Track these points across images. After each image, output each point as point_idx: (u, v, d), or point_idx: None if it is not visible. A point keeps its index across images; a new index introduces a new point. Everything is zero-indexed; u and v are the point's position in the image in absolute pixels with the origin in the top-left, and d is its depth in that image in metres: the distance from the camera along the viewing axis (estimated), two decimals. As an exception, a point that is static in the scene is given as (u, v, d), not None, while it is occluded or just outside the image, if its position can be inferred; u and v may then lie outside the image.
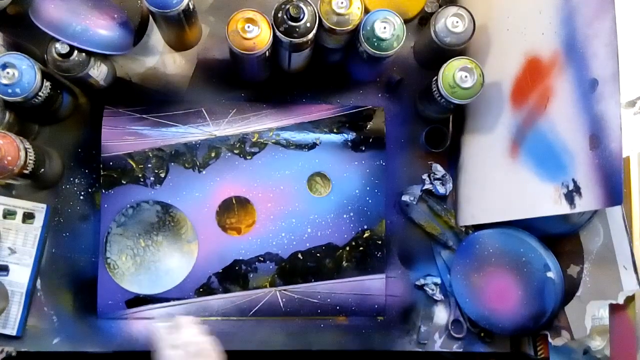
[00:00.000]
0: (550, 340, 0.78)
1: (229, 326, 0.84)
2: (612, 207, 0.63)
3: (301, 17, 0.71)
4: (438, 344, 0.86)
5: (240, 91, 0.88)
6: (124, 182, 0.82)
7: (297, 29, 0.72)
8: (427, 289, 0.86)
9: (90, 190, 0.84)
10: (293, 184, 0.84)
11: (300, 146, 0.85)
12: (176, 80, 0.86)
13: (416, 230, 0.88)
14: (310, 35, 0.73)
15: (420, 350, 0.86)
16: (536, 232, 0.78)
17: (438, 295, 0.86)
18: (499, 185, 0.78)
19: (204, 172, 0.83)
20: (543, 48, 0.68)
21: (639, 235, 0.68)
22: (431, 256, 0.88)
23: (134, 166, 0.82)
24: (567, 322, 0.75)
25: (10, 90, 0.70)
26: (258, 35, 0.72)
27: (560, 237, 0.77)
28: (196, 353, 0.64)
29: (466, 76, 0.74)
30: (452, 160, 0.89)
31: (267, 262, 0.83)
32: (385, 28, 0.73)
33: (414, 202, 0.87)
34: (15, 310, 0.79)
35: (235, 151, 0.84)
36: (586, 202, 0.60)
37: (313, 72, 0.87)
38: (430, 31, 0.79)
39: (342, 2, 0.72)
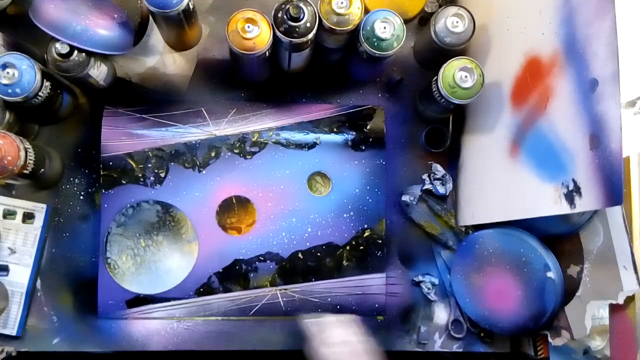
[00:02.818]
0: (550, 340, 0.78)
1: (229, 326, 0.84)
2: (612, 207, 0.63)
3: (301, 17, 0.71)
4: (438, 344, 0.86)
5: (240, 91, 0.88)
6: (124, 182, 0.82)
7: (297, 29, 0.72)
8: (424, 286, 0.86)
9: (90, 190, 0.84)
10: (293, 183, 0.84)
11: (300, 146, 0.85)
12: (176, 80, 0.86)
13: (416, 230, 0.88)
14: (310, 35, 0.73)
15: (420, 350, 0.86)
16: (536, 232, 0.78)
17: (433, 296, 0.86)
18: (499, 185, 0.77)
19: (204, 172, 0.83)
20: (543, 48, 0.67)
21: (639, 235, 0.68)
22: (431, 256, 0.88)
23: (134, 166, 0.82)
24: (567, 322, 0.75)
25: (10, 90, 0.70)
26: (258, 35, 0.72)
27: (560, 237, 0.77)
28: (351, 352, 0.65)
29: (466, 76, 0.74)
30: (452, 160, 0.89)
31: (268, 261, 0.83)
32: (385, 28, 0.73)
33: (414, 202, 0.87)
34: (15, 310, 0.79)
35: (235, 151, 0.84)
36: (586, 202, 0.59)
37: (313, 72, 0.87)
38: (430, 31, 0.79)
39: (342, 2, 0.72)
